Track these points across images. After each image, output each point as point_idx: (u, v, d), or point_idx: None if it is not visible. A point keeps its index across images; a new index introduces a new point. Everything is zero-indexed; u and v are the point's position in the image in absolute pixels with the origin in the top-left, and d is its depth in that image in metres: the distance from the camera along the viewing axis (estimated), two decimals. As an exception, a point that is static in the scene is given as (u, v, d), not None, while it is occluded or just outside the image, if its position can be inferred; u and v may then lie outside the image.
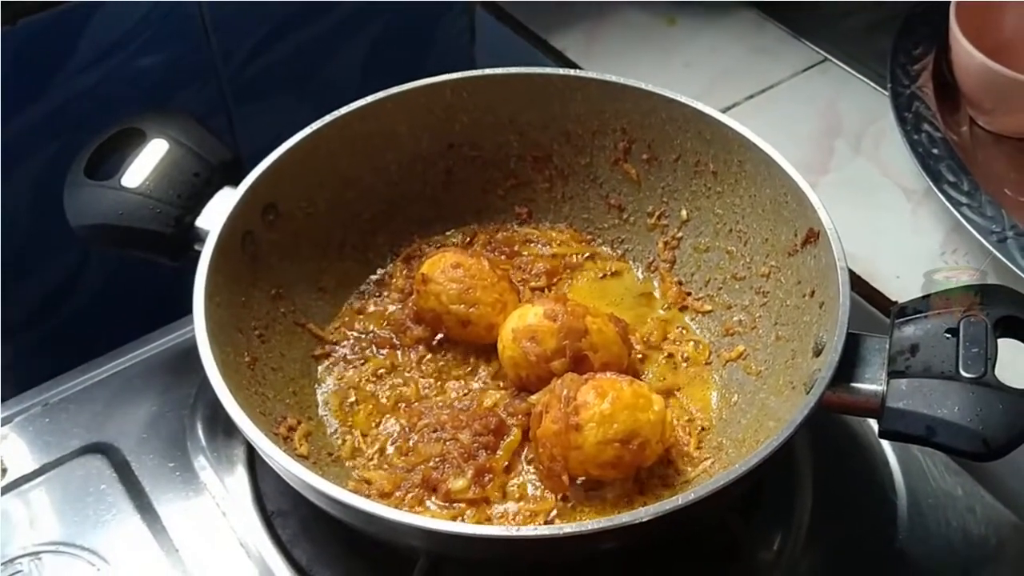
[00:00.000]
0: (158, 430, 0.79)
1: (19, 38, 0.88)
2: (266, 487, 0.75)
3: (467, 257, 0.78)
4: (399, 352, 0.80)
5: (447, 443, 0.72)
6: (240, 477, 0.76)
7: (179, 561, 0.72)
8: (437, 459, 0.71)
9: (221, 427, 0.78)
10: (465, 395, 0.77)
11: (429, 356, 0.80)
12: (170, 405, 0.81)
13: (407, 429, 0.74)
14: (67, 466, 0.77)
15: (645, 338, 0.81)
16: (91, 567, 0.71)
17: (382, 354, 0.80)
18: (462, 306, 0.76)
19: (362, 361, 0.80)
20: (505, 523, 0.68)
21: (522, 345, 0.72)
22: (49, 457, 0.77)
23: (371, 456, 0.73)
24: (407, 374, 0.79)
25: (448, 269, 0.76)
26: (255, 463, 0.77)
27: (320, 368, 0.79)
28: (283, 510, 0.74)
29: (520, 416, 0.73)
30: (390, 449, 0.74)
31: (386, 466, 0.72)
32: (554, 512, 0.68)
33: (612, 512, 0.67)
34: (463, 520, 0.68)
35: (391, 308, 0.83)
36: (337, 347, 0.81)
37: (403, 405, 0.77)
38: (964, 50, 0.91)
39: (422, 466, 0.71)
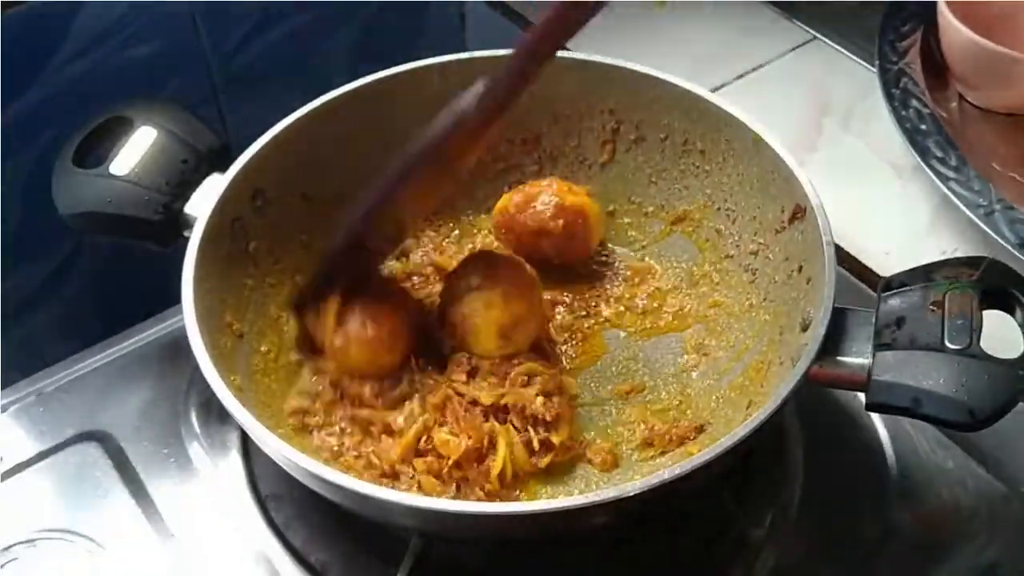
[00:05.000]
0: (152, 417, 0.79)
1: (8, 28, 0.88)
2: (260, 471, 0.76)
3: None
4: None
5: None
6: (234, 462, 0.76)
7: (174, 546, 0.72)
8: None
9: (215, 413, 0.79)
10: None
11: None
12: (164, 392, 0.81)
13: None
14: (62, 454, 0.77)
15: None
16: (87, 553, 0.71)
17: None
18: None
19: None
20: None
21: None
22: (44, 445, 0.78)
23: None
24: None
25: None
26: (249, 448, 0.77)
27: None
28: (277, 494, 0.74)
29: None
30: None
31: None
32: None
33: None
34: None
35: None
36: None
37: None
38: (952, 26, 0.91)
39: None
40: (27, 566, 0.71)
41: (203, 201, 0.74)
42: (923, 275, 0.66)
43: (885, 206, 0.93)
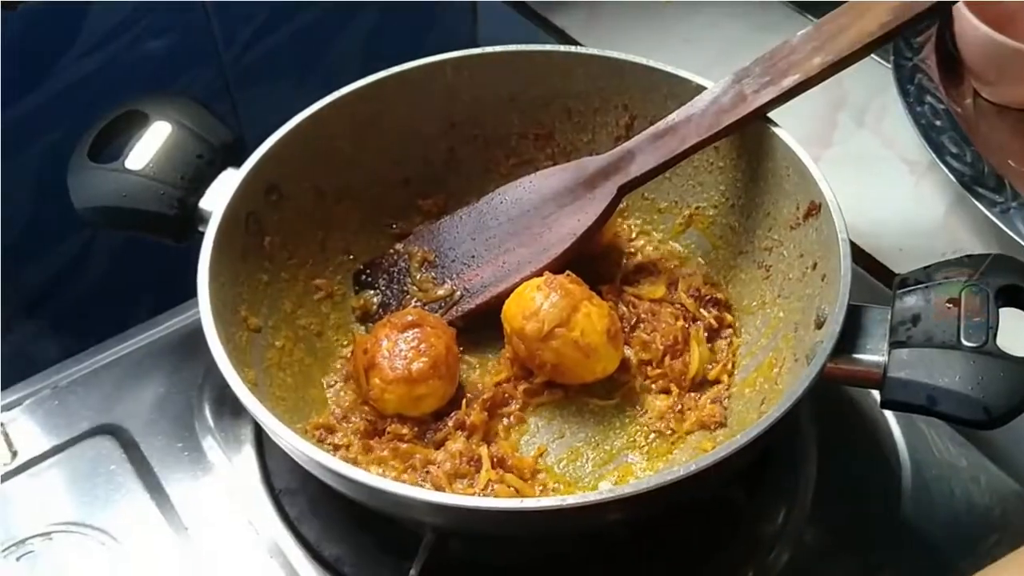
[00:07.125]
0: (166, 411, 0.80)
1: (21, 23, 0.88)
2: (274, 465, 0.76)
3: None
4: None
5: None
6: (248, 456, 0.77)
7: (188, 539, 0.73)
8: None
9: (229, 407, 0.79)
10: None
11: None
12: (178, 386, 0.81)
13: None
14: (77, 448, 0.78)
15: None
16: (101, 546, 0.72)
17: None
18: None
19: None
20: None
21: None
22: (59, 439, 0.78)
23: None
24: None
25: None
26: (263, 442, 0.77)
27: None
28: (291, 488, 0.75)
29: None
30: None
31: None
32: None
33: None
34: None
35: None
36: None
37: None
38: (967, 22, 0.91)
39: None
40: (42, 559, 0.71)
41: (218, 196, 0.75)
42: (939, 272, 0.65)
43: (899, 202, 0.93)
